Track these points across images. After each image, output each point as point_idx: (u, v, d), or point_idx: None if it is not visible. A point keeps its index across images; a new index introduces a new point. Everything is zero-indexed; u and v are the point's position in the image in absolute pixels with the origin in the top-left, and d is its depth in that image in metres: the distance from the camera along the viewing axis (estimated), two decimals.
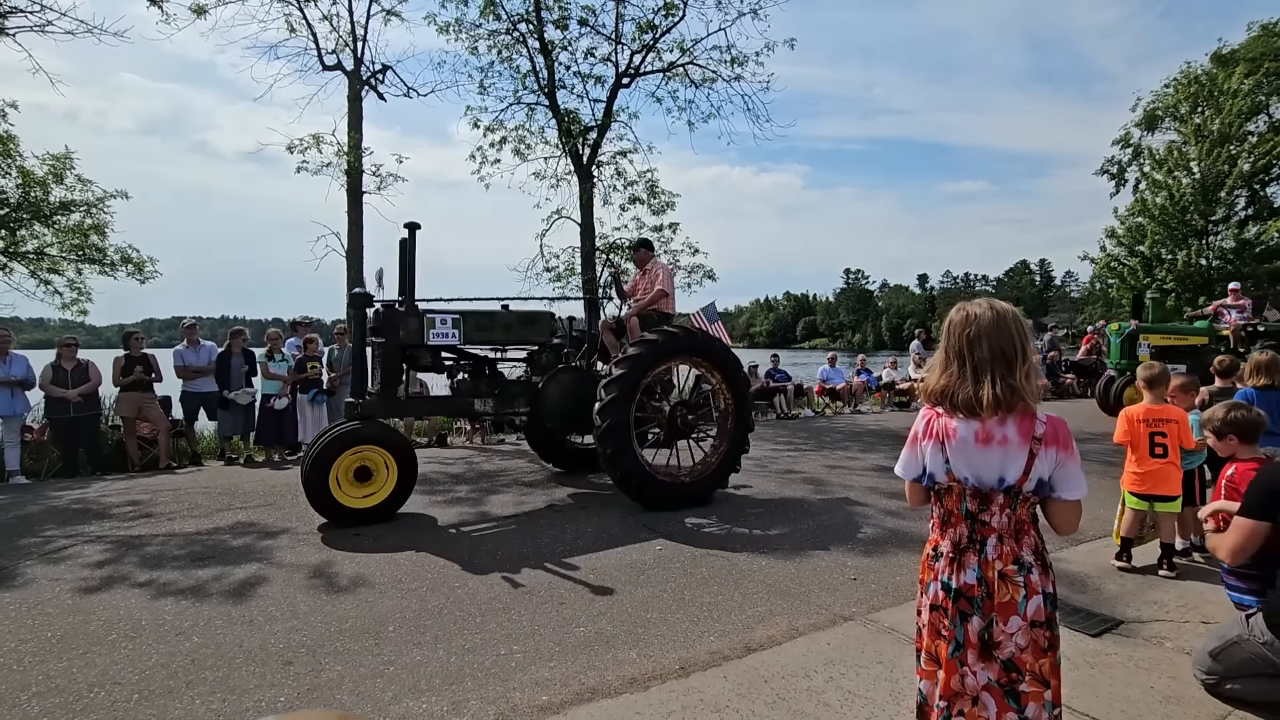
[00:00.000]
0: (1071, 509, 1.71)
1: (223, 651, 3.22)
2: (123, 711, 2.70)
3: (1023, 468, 1.66)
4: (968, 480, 1.72)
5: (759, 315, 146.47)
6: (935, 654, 1.76)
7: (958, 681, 1.71)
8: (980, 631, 1.69)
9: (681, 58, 14.58)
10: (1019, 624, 1.67)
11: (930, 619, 1.78)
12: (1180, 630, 3.41)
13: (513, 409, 6.47)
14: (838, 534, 5.14)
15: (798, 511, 5.86)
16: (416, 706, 2.73)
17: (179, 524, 5.52)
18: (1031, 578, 1.69)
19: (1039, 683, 1.67)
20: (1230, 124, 22.42)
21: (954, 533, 1.76)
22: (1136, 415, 4.41)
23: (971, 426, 1.70)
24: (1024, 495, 1.69)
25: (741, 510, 5.92)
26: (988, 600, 1.69)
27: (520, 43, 14.16)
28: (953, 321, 1.78)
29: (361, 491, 5.44)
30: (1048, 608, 1.69)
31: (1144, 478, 4.31)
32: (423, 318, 5.90)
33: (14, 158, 11.51)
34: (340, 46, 12.83)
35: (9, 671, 3.03)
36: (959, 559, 1.74)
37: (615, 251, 15.41)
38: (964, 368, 1.71)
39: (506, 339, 6.51)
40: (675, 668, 3.04)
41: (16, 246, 11.86)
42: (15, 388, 7.64)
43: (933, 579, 1.79)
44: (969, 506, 1.73)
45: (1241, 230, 22.86)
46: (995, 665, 1.69)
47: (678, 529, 5.30)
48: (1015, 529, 1.71)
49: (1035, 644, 1.67)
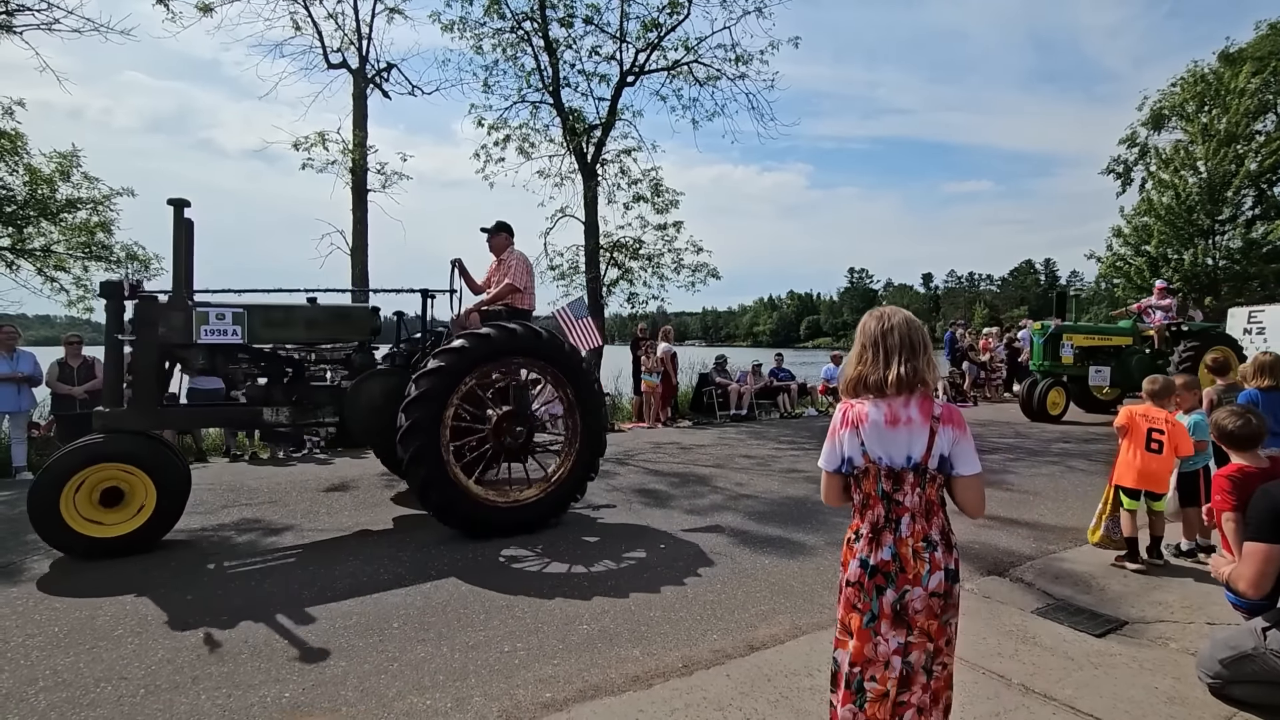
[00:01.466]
0: (971, 484, 1.92)
1: (228, 647, 3.24)
2: (129, 706, 2.72)
3: (925, 444, 1.87)
4: (881, 460, 1.90)
5: (763, 314, 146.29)
6: (849, 625, 1.94)
7: (870, 649, 1.89)
8: (894, 602, 1.88)
9: (686, 56, 14.55)
10: (920, 593, 1.87)
11: (847, 594, 1.95)
12: (1185, 631, 3.40)
13: (315, 419, 5.44)
14: (840, 533, 5.12)
15: (801, 510, 5.86)
16: (420, 703, 2.75)
17: (184, 520, 5.52)
18: (936, 555, 1.88)
19: (924, 636, 1.88)
20: (1237, 123, 22.30)
21: (872, 514, 1.93)
22: (1136, 410, 4.49)
23: (880, 409, 1.90)
24: (930, 474, 1.89)
25: (744, 509, 5.92)
26: (901, 574, 1.88)
27: (525, 41, 14.16)
28: (868, 320, 2.03)
29: (111, 517, 4.58)
30: (948, 581, 1.90)
31: (1140, 472, 4.33)
32: (191, 312, 4.93)
33: (21, 155, 11.55)
34: (345, 44, 12.83)
35: (17, 666, 3.05)
36: (876, 538, 1.91)
37: (619, 250, 15.40)
38: (877, 355, 1.94)
39: (311, 337, 5.54)
40: (678, 666, 3.04)
41: (23, 243, 11.91)
42: (22, 384, 7.69)
43: (852, 557, 1.96)
44: (884, 487, 1.91)
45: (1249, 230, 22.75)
46: (903, 631, 1.88)
47: (681, 528, 5.31)
48: (926, 509, 1.90)
49: (930, 609, 1.88)
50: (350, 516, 5.70)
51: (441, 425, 4.92)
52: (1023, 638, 3.31)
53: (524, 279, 6.06)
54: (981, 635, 3.32)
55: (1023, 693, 2.78)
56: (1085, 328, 12.68)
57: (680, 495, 6.46)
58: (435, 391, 4.89)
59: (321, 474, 7.41)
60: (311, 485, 6.77)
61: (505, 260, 6.16)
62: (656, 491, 6.60)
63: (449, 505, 4.92)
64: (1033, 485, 6.86)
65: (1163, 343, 12.26)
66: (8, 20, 9.93)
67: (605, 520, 5.56)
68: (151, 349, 4.91)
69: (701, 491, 6.61)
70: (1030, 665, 3.02)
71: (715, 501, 6.20)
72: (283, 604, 3.77)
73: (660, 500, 6.25)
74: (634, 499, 6.29)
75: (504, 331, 5.20)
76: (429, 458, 4.81)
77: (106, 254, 12.45)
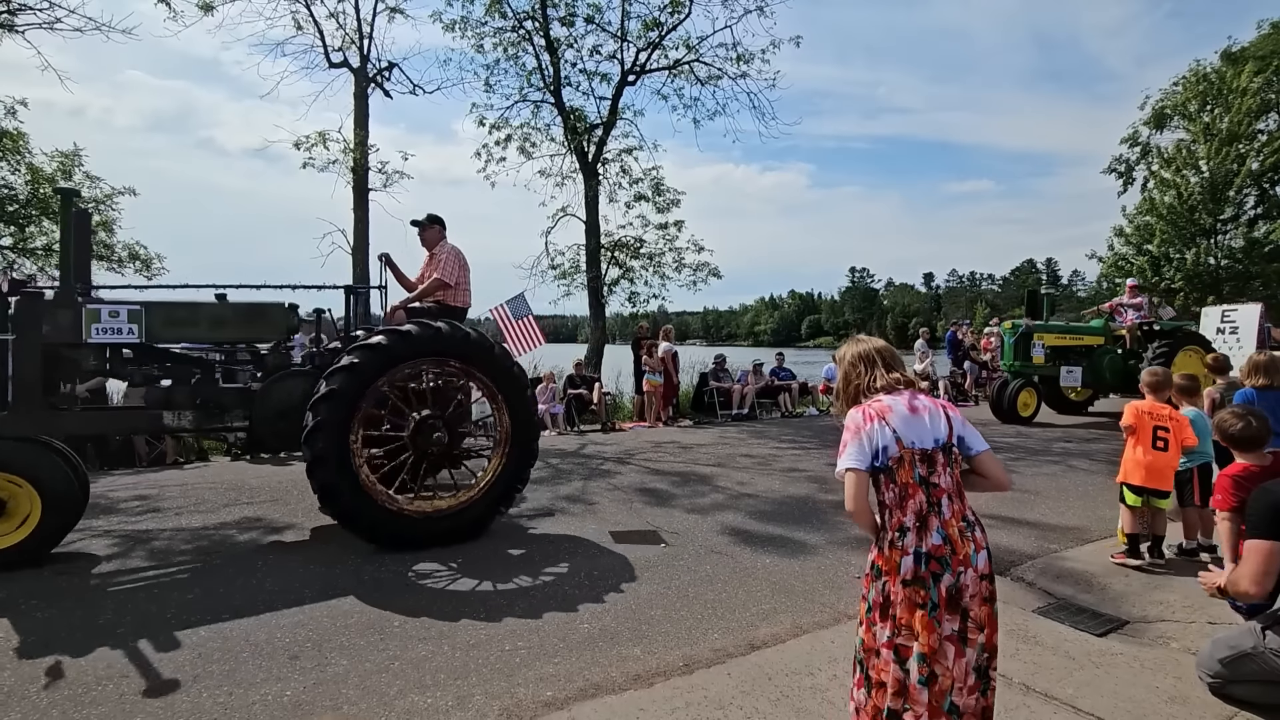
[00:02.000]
0: (990, 457, 2.06)
1: (229, 645, 3.24)
2: (130, 704, 2.72)
3: (946, 424, 1.98)
4: (914, 444, 1.94)
5: (763, 314, 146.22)
6: (913, 626, 1.87)
7: (937, 640, 1.86)
8: (950, 586, 1.87)
9: (687, 55, 14.58)
10: (972, 575, 1.89)
11: (905, 595, 1.89)
12: (1186, 630, 3.39)
13: (222, 423, 5.11)
14: (842, 532, 5.14)
15: (802, 509, 5.86)
16: (421, 701, 2.75)
17: (186, 519, 5.55)
18: (977, 534, 1.94)
19: (978, 629, 1.89)
20: (1239, 122, 22.25)
21: (914, 503, 1.93)
22: (1142, 408, 4.52)
23: (899, 400, 1.99)
24: (955, 453, 1.98)
25: (745, 508, 5.92)
26: (954, 556, 1.88)
27: (526, 40, 14.18)
28: (847, 347, 2.19)
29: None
30: (990, 563, 1.95)
31: (1147, 469, 4.36)
32: (80, 310, 4.59)
33: (24, 154, 11.58)
34: (347, 44, 12.86)
35: (18, 664, 3.05)
36: (924, 525, 1.91)
37: (620, 249, 15.39)
38: (871, 367, 2.08)
39: (219, 336, 5.22)
40: (679, 665, 3.05)
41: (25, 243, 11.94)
42: None
43: (902, 555, 1.91)
44: (920, 472, 1.93)
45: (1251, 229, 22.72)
46: (957, 616, 1.87)
47: (683, 526, 5.31)
48: (958, 489, 1.96)
49: (980, 594, 1.89)
50: None
51: (351, 426, 4.58)
52: (1024, 637, 3.31)
53: (456, 274, 5.76)
54: None
55: (1024, 692, 2.78)
56: (1056, 327, 12.24)
57: (681, 494, 6.46)
58: (345, 390, 4.54)
59: None
60: None
61: (436, 255, 5.89)
62: (657, 490, 6.61)
63: (354, 513, 4.57)
64: (1034, 485, 6.86)
65: (1134, 342, 12.06)
66: (10, 20, 9.94)
67: (606, 519, 5.55)
68: (35, 349, 4.50)
69: (702, 491, 6.61)
70: (1031, 664, 3.02)
71: (716, 501, 6.20)
72: (284, 602, 3.77)
73: (661, 499, 6.26)
74: (635, 498, 6.29)
75: (427, 330, 4.83)
76: (333, 459, 4.47)
77: (109, 253, 12.48)
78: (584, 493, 6.53)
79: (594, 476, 7.27)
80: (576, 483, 6.98)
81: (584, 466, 7.85)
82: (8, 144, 11.27)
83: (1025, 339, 11.65)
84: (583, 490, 6.64)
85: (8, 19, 9.95)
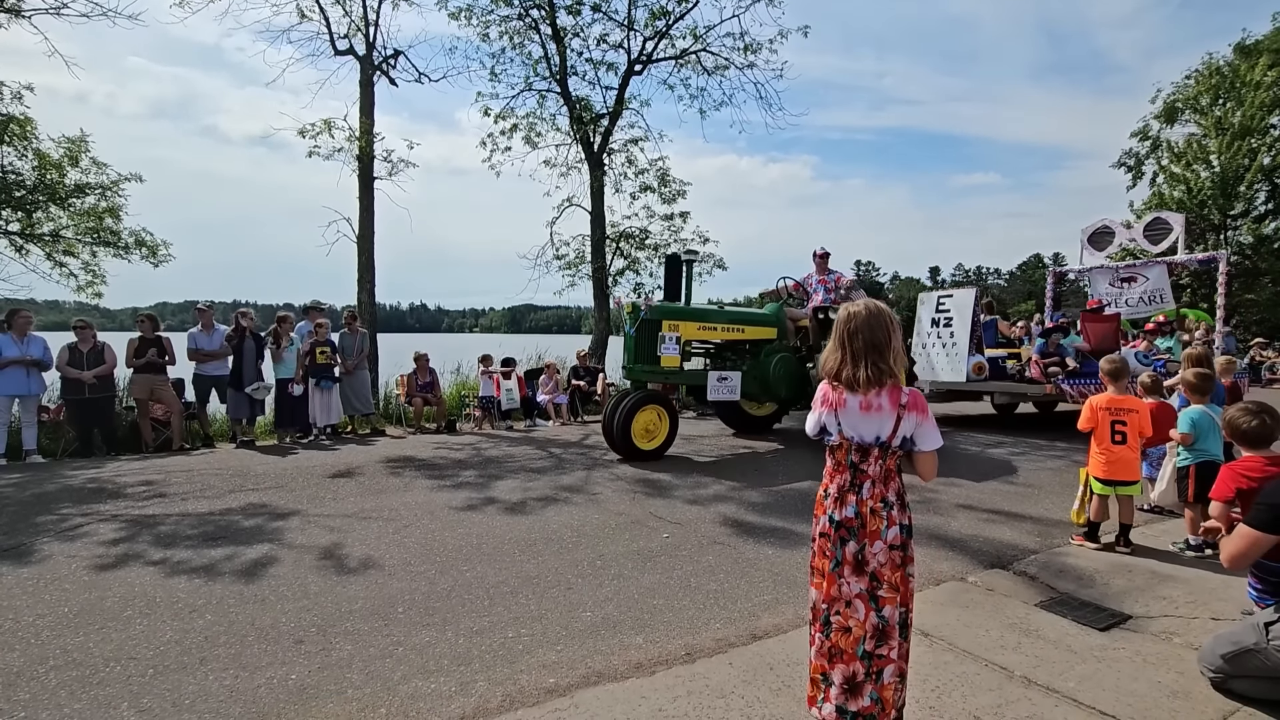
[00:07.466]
0: (929, 458, 2.27)
1: (235, 629, 3.27)
2: (138, 685, 2.75)
3: (892, 427, 2.19)
4: (853, 437, 2.23)
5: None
6: (820, 570, 2.27)
7: (836, 589, 2.22)
8: (855, 553, 2.20)
9: (694, 44, 14.45)
10: (881, 546, 2.19)
11: (819, 544, 2.29)
12: (1189, 626, 3.39)
13: None
14: None
15: (804, 501, 5.86)
16: (425, 686, 2.77)
17: (192, 504, 5.59)
18: (892, 513, 2.21)
19: (893, 590, 2.19)
20: (1252, 116, 22.04)
21: (840, 478, 2.26)
22: (1099, 404, 4.68)
23: (857, 398, 2.21)
24: (892, 449, 2.21)
25: (747, 499, 5.93)
26: (861, 529, 2.20)
27: (532, 29, 14.08)
28: (839, 318, 2.29)
29: None
30: (902, 535, 2.22)
31: (1108, 464, 4.58)
32: None
33: (30, 140, 11.57)
34: (352, 31, 12.76)
35: (28, 645, 3.09)
36: (841, 499, 2.24)
37: (626, 239, 15.35)
38: (845, 354, 2.24)
39: None
40: (681, 654, 3.06)
41: (33, 229, 11.95)
42: (33, 368, 7.74)
43: (823, 513, 2.28)
44: (853, 458, 2.24)
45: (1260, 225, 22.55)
46: (865, 578, 2.19)
47: (685, 517, 5.32)
48: (884, 476, 2.22)
49: (892, 561, 2.19)
50: (355, 502, 5.73)
51: None
52: (1026, 631, 3.32)
53: None
54: (985, 628, 3.33)
55: (1025, 685, 2.79)
56: (697, 311, 8.26)
57: (682, 485, 6.47)
58: None
59: (326, 460, 7.45)
60: (317, 471, 6.80)
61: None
62: (659, 481, 6.62)
63: None
64: (1037, 479, 6.84)
65: (818, 335, 8.84)
66: (17, 4, 9.92)
67: (607, 509, 5.57)
68: None
69: (704, 482, 6.61)
70: (1033, 658, 3.02)
71: (718, 491, 6.21)
72: (289, 588, 3.80)
73: (662, 490, 6.27)
74: (636, 488, 6.31)
75: None
76: None
77: (115, 239, 12.47)
78: (586, 483, 6.54)
79: (596, 467, 7.28)
80: (579, 473, 6.99)
81: (586, 457, 7.86)
82: (14, 129, 11.26)
83: (650, 330, 7.67)
84: (585, 480, 6.65)
85: (14, 4, 9.92)
